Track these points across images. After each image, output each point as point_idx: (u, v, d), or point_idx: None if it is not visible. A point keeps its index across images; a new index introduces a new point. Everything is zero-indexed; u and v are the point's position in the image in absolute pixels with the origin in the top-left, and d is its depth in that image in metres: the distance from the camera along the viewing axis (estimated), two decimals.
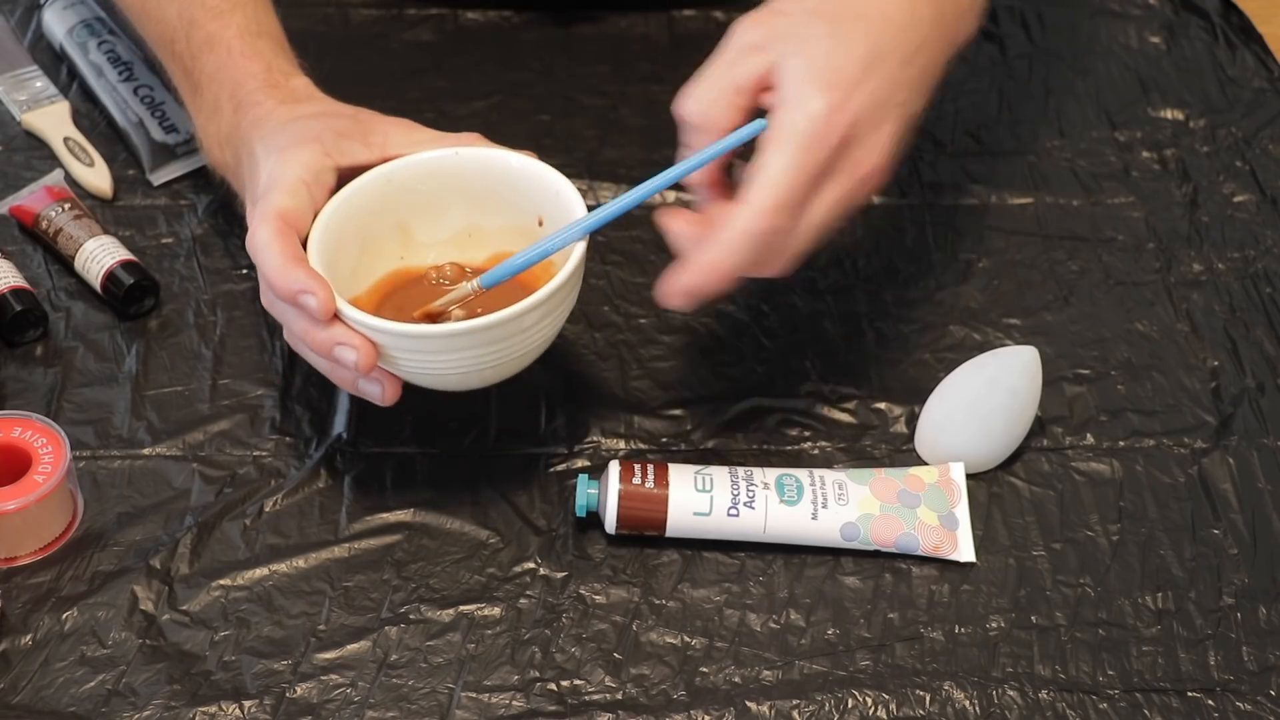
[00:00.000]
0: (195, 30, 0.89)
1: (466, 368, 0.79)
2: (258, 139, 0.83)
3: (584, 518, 0.82)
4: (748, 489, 0.81)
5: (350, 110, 0.85)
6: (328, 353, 0.77)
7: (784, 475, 0.82)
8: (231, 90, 0.86)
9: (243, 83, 0.86)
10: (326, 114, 0.84)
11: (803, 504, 0.81)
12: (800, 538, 0.81)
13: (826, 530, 0.81)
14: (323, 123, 0.83)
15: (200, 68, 0.88)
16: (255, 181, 0.81)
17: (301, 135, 0.81)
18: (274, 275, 0.77)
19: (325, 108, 0.85)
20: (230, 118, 0.86)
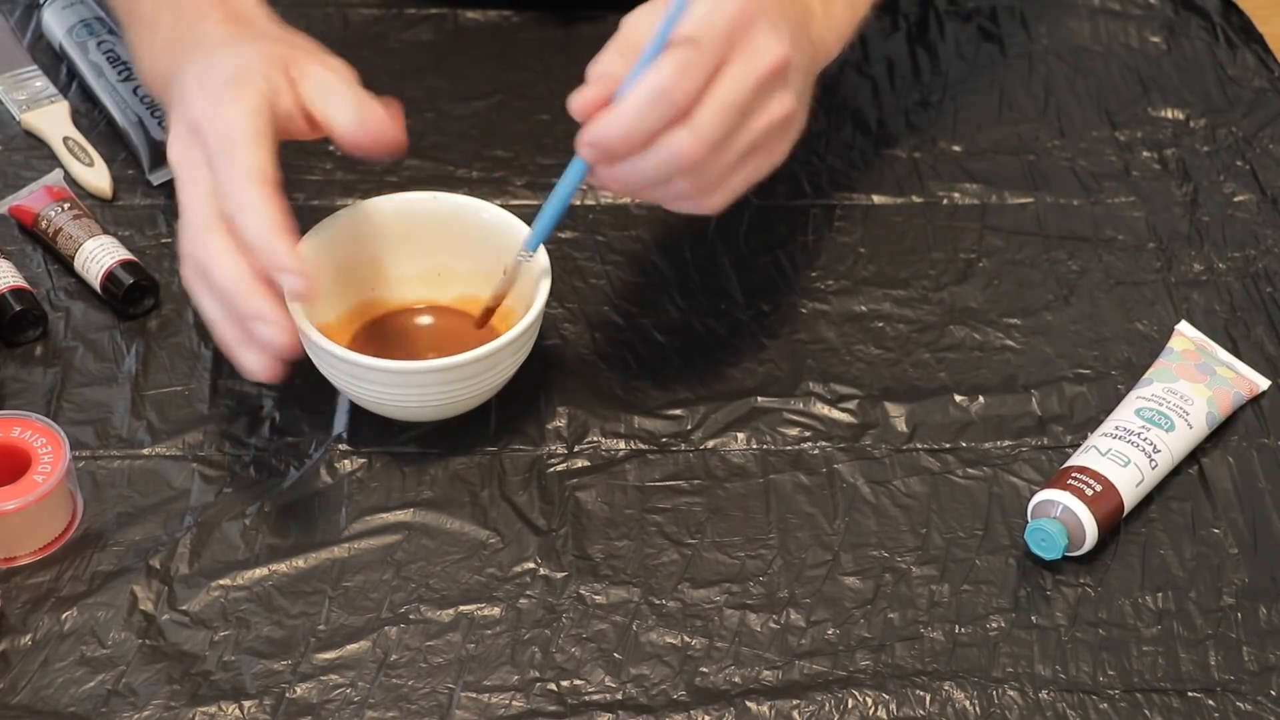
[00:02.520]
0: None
1: (434, 401, 0.84)
2: (192, 60, 0.80)
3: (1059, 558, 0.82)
4: (1141, 438, 0.84)
5: (287, 38, 0.82)
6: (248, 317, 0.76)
7: (1140, 410, 0.86)
8: (173, 2, 0.84)
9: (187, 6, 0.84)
10: (263, 37, 0.81)
11: (1176, 422, 0.85)
12: (1196, 439, 0.86)
13: (1199, 423, 0.86)
14: (257, 51, 0.80)
15: None
16: (187, 104, 0.79)
17: (240, 71, 0.78)
18: (259, 242, 0.75)
19: (264, 30, 0.83)
20: (169, 31, 0.84)
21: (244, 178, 0.76)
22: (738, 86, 0.76)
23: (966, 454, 0.87)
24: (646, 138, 0.76)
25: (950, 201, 1.01)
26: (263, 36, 0.82)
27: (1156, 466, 0.84)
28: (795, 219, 1.00)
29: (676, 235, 0.98)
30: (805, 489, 0.85)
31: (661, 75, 0.75)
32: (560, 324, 0.92)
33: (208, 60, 0.80)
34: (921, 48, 1.12)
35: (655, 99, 0.75)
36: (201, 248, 0.77)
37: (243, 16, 0.83)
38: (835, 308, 0.94)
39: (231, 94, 0.77)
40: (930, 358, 0.92)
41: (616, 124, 0.75)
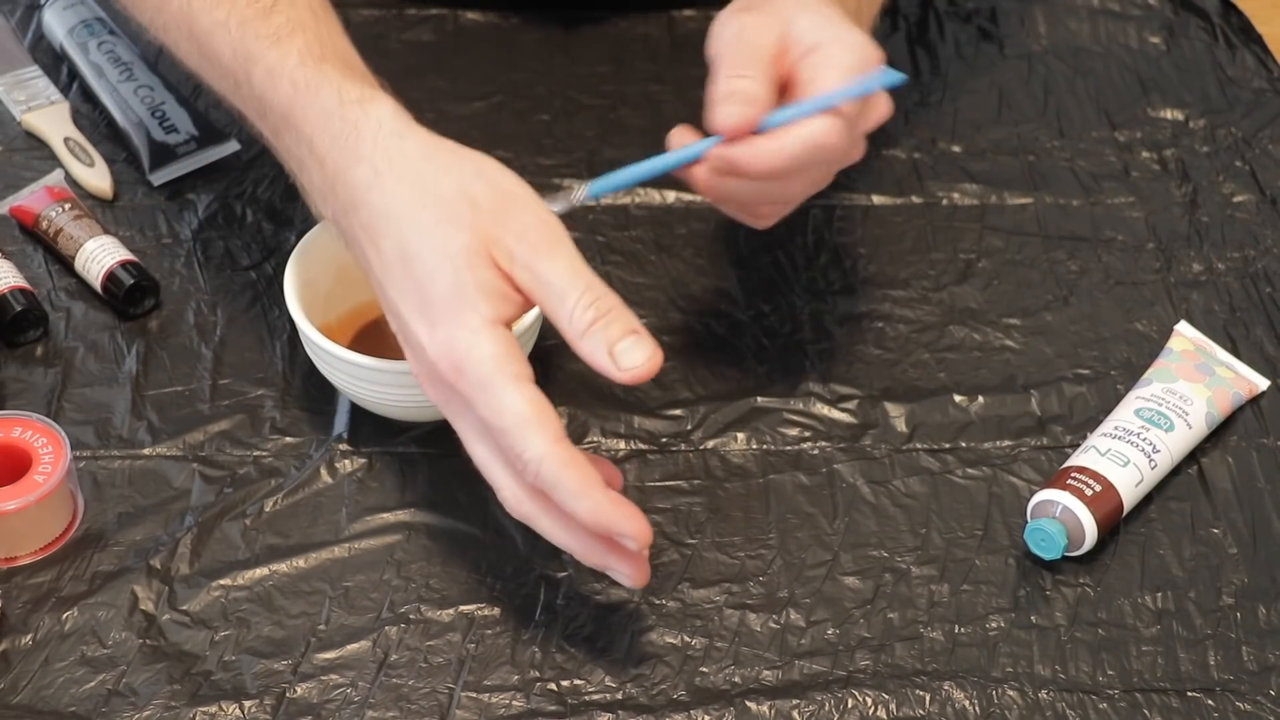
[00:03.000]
0: (254, 66, 0.78)
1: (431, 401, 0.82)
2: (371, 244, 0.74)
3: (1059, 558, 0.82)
4: (1141, 438, 0.84)
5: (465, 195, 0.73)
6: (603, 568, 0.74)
7: (1140, 410, 0.86)
8: (310, 139, 0.76)
9: (319, 126, 0.76)
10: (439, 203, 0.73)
11: (1176, 422, 0.85)
12: (1195, 440, 0.87)
13: (1198, 423, 0.87)
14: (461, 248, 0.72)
15: (272, 109, 0.78)
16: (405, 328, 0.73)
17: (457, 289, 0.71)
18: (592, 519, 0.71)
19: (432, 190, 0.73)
20: (319, 173, 0.76)
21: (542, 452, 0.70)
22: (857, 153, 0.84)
23: (966, 454, 0.87)
24: (783, 176, 0.80)
25: (950, 202, 1.01)
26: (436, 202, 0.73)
27: (1156, 466, 0.84)
28: (795, 219, 1.00)
29: (676, 236, 0.98)
30: (805, 489, 0.85)
31: (824, 132, 0.79)
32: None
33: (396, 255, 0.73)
34: (921, 48, 1.12)
35: (811, 154, 0.79)
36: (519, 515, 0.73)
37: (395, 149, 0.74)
38: (835, 308, 0.95)
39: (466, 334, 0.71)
40: (930, 358, 0.92)
41: (766, 160, 0.79)
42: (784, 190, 0.83)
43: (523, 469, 0.71)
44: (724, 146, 0.79)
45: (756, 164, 0.79)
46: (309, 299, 0.84)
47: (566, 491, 0.70)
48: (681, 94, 1.08)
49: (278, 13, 0.79)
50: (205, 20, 0.81)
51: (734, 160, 0.79)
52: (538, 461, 0.70)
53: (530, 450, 0.70)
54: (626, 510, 0.71)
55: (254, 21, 0.79)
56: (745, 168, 0.79)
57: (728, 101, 0.79)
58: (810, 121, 0.78)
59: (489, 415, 0.71)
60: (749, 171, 0.79)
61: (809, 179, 0.82)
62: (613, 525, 0.71)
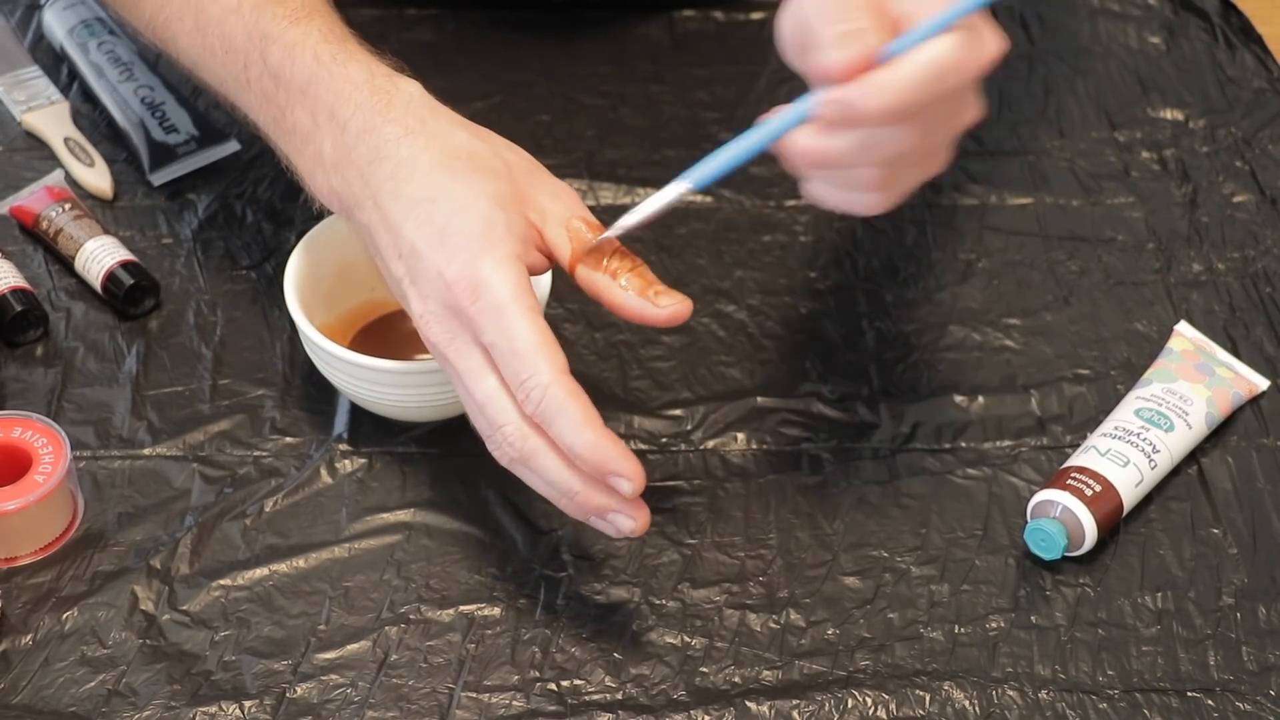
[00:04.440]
0: (271, 45, 0.79)
1: (434, 401, 0.84)
2: (391, 193, 0.75)
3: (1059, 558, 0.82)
4: (1141, 438, 0.84)
5: (499, 156, 0.76)
6: (595, 511, 0.74)
7: (1140, 410, 0.86)
8: (331, 106, 0.77)
9: (344, 94, 0.77)
10: (471, 158, 0.75)
11: (1176, 422, 0.85)
12: (1195, 440, 0.86)
13: (1198, 423, 0.86)
14: (488, 194, 0.74)
15: (287, 83, 0.78)
16: (420, 262, 0.74)
17: (484, 225, 0.73)
18: (587, 451, 0.71)
19: (465, 146, 0.75)
20: (336, 139, 0.77)
21: (550, 379, 0.71)
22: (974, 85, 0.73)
23: (966, 454, 0.87)
24: (899, 116, 0.69)
25: (950, 201, 1.01)
26: (471, 157, 0.75)
27: (1156, 467, 0.84)
28: (795, 219, 1.00)
29: (676, 236, 0.99)
30: (805, 489, 0.85)
31: (951, 54, 0.69)
32: (560, 324, 0.92)
33: (423, 196, 0.74)
34: None
35: (937, 80, 0.69)
36: (519, 453, 0.73)
37: (417, 122, 0.76)
38: (835, 308, 0.95)
39: (490, 261, 0.72)
40: (930, 358, 0.92)
41: (887, 93, 0.68)
42: (903, 140, 0.70)
43: (526, 397, 0.71)
44: (837, 88, 0.69)
45: (876, 99, 0.68)
46: (309, 299, 0.85)
47: (569, 421, 0.71)
48: (681, 94, 1.08)
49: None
50: (215, 8, 0.82)
51: (850, 101, 0.69)
52: (544, 388, 0.70)
53: (540, 375, 0.71)
54: (624, 448, 0.72)
55: (269, 4, 0.80)
56: (863, 106, 0.69)
57: (838, 45, 0.69)
58: (929, 43, 0.69)
59: (501, 339, 0.71)
60: (867, 110, 0.69)
61: (930, 124, 0.71)
62: (611, 462, 0.71)
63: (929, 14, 0.69)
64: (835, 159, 0.71)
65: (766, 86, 1.09)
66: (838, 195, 0.74)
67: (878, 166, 0.72)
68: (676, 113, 1.07)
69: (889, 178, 0.73)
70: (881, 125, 0.70)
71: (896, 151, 0.71)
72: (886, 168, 0.72)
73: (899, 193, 0.74)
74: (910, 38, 0.69)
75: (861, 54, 0.69)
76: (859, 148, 0.71)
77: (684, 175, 0.76)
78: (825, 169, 0.73)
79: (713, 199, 1.00)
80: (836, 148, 0.71)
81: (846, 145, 0.71)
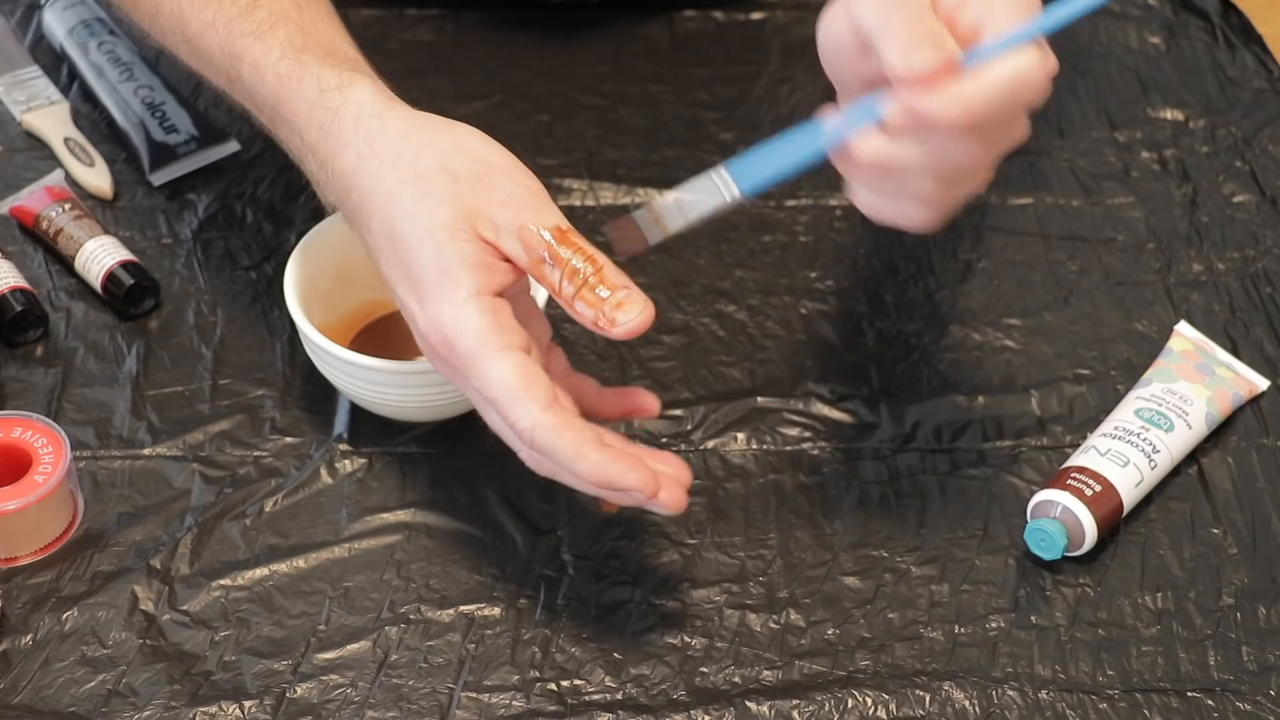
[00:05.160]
0: (241, 64, 0.80)
1: (434, 401, 0.84)
2: (364, 227, 0.75)
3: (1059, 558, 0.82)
4: (1141, 438, 0.84)
5: (445, 169, 0.74)
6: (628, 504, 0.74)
7: (1140, 410, 0.85)
8: (299, 129, 0.77)
9: (303, 116, 0.77)
10: (418, 180, 0.73)
11: (1176, 422, 0.85)
12: (1195, 440, 0.86)
13: (1198, 423, 0.86)
14: (441, 224, 0.72)
15: (261, 104, 0.80)
16: (403, 303, 0.74)
17: (441, 264, 0.72)
18: (591, 478, 0.71)
19: (412, 166, 0.74)
20: (310, 162, 0.78)
21: (532, 421, 0.71)
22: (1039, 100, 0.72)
23: (966, 454, 0.87)
24: (976, 126, 0.68)
25: None
26: (417, 179, 0.73)
27: (1156, 467, 0.84)
28: (795, 219, 1.00)
29: (676, 236, 0.98)
30: (805, 489, 0.85)
31: (1031, 71, 0.68)
32: (560, 324, 0.92)
33: (384, 236, 0.74)
34: None
35: (1014, 94, 0.68)
36: (543, 473, 0.74)
37: (377, 129, 0.75)
38: (835, 308, 0.95)
39: (450, 308, 0.72)
40: (930, 358, 0.92)
41: (966, 103, 0.67)
42: (967, 154, 0.70)
43: (518, 437, 0.72)
44: (912, 95, 0.68)
45: (954, 109, 0.67)
46: (309, 299, 0.85)
47: (564, 457, 0.71)
48: (681, 94, 1.08)
49: (260, 8, 0.80)
50: (195, 23, 0.82)
51: (926, 110, 0.68)
52: (529, 430, 0.71)
53: (521, 420, 0.71)
54: (628, 463, 0.72)
55: (238, 19, 0.80)
56: (939, 116, 0.68)
57: (915, 48, 0.68)
58: (1010, 56, 0.68)
59: (480, 386, 0.72)
60: (943, 120, 0.68)
61: (992, 140, 0.70)
62: (616, 480, 0.71)
63: (1002, 26, 0.69)
64: (898, 167, 0.70)
65: (766, 86, 1.09)
66: (888, 205, 0.73)
67: (936, 179, 0.71)
68: (676, 113, 1.07)
69: (943, 192, 0.72)
70: (952, 137, 0.69)
71: (959, 165, 0.70)
72: (943, 181, 0.71)
73: (946, 208, 0.73)
74: (985, 50, 0.68)
75: (939, 61, 0.67)
76: (923, 158, 0.70)
77: (730, 167, 0.74)
78: (885, 177, 0.71)
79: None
80: (901, 156, 0.70)
81: (911, 154, 0.70)
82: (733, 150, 1.04)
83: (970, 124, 0.68)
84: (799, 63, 1.10)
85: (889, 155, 0.70)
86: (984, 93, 0.68)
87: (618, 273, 0.73)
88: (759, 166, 0.73)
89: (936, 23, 0.69)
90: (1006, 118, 0.70)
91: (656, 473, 0.73)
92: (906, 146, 0.69)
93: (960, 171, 0.71)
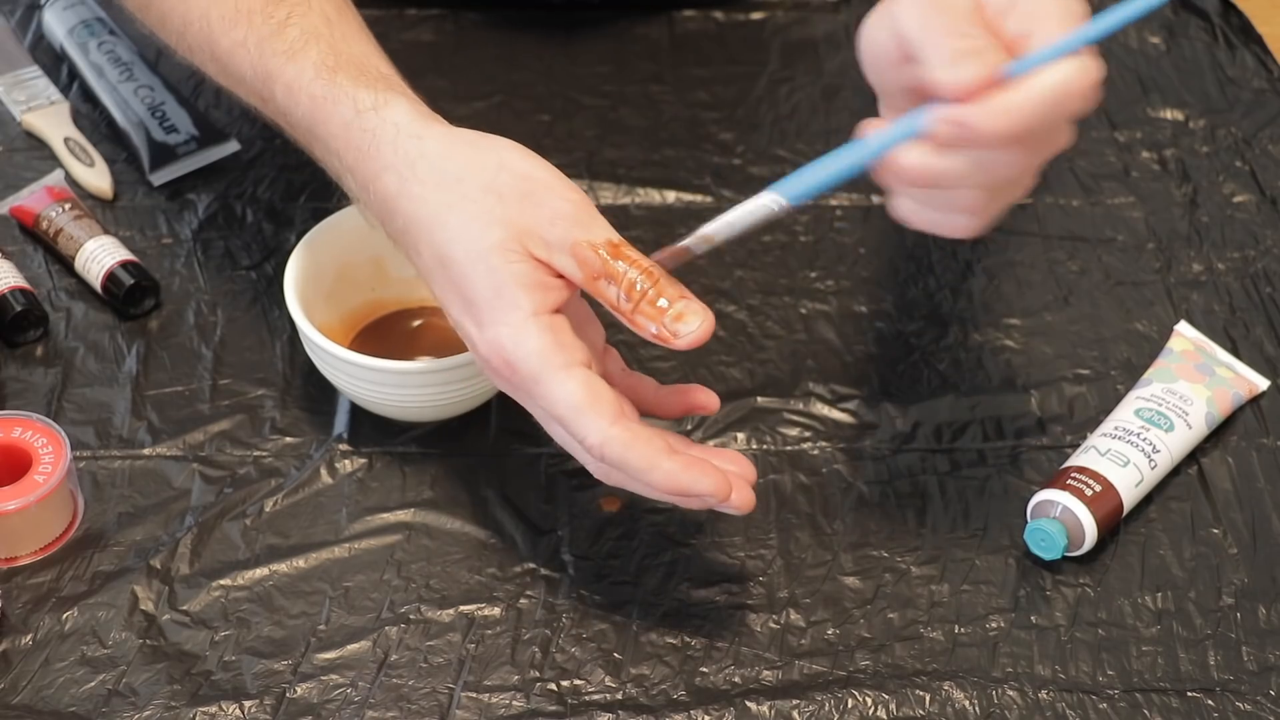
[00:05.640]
0: (274, 84, 0.79)
1: (434, 401, 0.84)
2: (411, 249, 0.75)
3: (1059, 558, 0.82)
4: (1141, 438, 0.84)
5: (491, 189, 0.73)
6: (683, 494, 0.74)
7: (1140, 410, 0.85)
8: (337, 152, 0.77)
9: (340, 138, 0.76)
10: (465, 201, 0.73)
11: (1176, 422, 0.85)
12: (1195, 440, 0.86)
13: (1198, 423, 0.86)
14: (494, 247, 0.72)
15: (296, 125, 0.79)
16: (460, 326, 0.74)
17: (495, 287, 0.72)
18: (666, 487, 0.72)
19: (456, 188, 0.73)
20: (350, 184, 0.77)
21: (601, 438, 0.71)
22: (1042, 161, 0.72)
23: (966, 454, 0.87)
24: (1022, 137, 0.68)
25: None
26: (463, 201, 0.73)
27: (1156, 467, 0.84)
28: (795, 219, 1.00)
29: (676, 236, 0.98)
30: (805, 489, 0.85)
31: (1077, 80, 0.68)
32: None
33: (433, 260, 0.74)
34: None
35: (1059, 104, 0.68)
36: (613, 485, 0.75)
37: (415, 152, 0.74)
38: (835, 308, 0.95)
39: (509, 331, 0.72)
40: (930, 358, 0.92)
41: (1010, 114, 0.67)
42: (1012, 165, 0.69)
43: (588, 453, 0.72)
44: (956, 107, 0.67)
45: (999, 122, 0.67)
46: (309, 299, 0.85)
47: (634, 470, 0.72)
48: (681, 94, 1.08)
49: (291, 25, 0.79)
50: (225, 41, 0.81)
51: (971, 122, 0.67)
52: (599, 447, 0.72)
53: (590, 437, 0.71)
54: (699, 470, 0.72)
55: (270, 39, 0.79)
56: (985, 128, 0.67)
57: (960, 60, 0.67)
58: (1054, 66, 0.67)
59: (545, 407, 0.72)
60: (988, 132, 0.67)
61: (1037, 149, 0.70)
62: (691, 486, 0.72)
63: (1048, 35, 0.68)
64: (942, 179, 0.70)
65: (766, 86, 1.09)
66: (931, 216, 0.72)
67: (981, 189, 0.70)
68: (676, 113, 1.07)
69: (988, 201, 0.71)
70: (996, 148, 0.68)
71: (1004, 176, 0.70)
72: (988, 191, 0.71)
73: (991, 216, 0.72)
74: (1032, 60, 0.68)
75: (984, 74, 0.67)
76: (968, 169, 0.69)
77: (776, 188, 0.73)
78: (930, 189, 0.71)
79: (712, 199, 1.00)
80: (946, 168, 0.69)
81: (956, 166, 0.69)
82: (732, 149, 1.04)
83: (1015, 135, 0.68)
84: (799, 63, 1.10)
85: (934, 168, 0.69)
86: (1029, 103, 0.67)
87: (674, 283, 0.73)
88: (804, 184, 0.73)
89: (980, 33, 0.68)
90: (1052, 127, 0.70)
91: (726, 474, 0.73)
92: (951, 158, 0.69)
93: (1005, 180, 0.71)
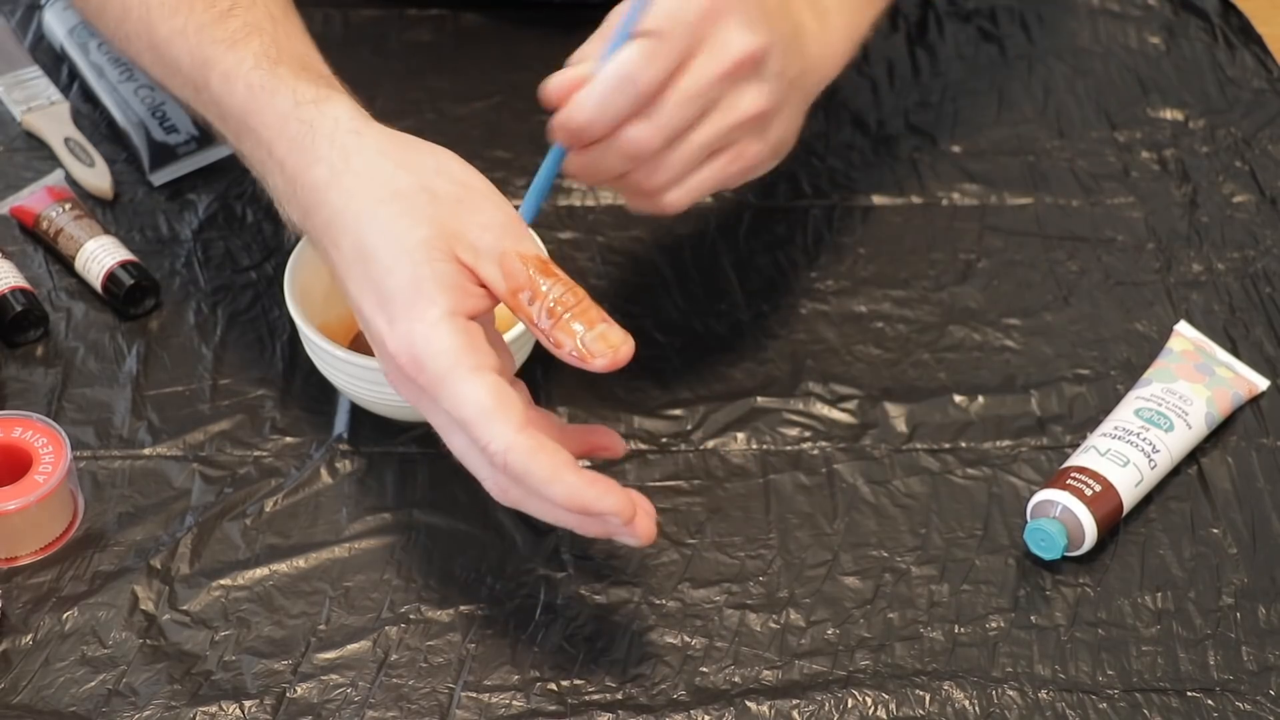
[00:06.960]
0: (211, 72, 0.78)
1: None
2: (332, 244, 0.73)
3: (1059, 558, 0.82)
4: (1141, 438, 0.84)
5: (425, 189, 0.73)
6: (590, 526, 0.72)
7: (1139, 410, 0.86)
8: (269, 142, 0.76)
9: (275, 129, 0.76)
10: (395, 198, 0.72)
11: (1175, 422, 0.85)
12: (1194, 440, 0.86)
13: (1198, 423, 0.86)
14: (418, 242, 0.71)
15: (228, 114, 0.78)
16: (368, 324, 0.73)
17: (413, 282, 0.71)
18: (567, 502, 0.70)
19: (390, 184, 0.73)
20: (278, 178, 0.76)
21: (505, 444, 0.69)
22: (700, 78, 0.75)
23: (966, 454, 0.87)
24: (611, 124, 0.74)
25: (950, 202, 1.01)
26: (395, 197, 0.72)
27: (1155, 466, 0.84)
28: (795, 219, 1.00)
29: (677, 236, 0.98)
30: (805, 489, 0.85)
31: (624, 62, 0.74)
32: None
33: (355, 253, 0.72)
34: (921, 48, 1.12)
35: (619, 85, 0.74)
36: (507, 502, 0.72)
37: (353, 145, 0.74)
38: (835, 308, 0.95)
39: (423, 327, 0.70)
40: (930, 358, 0.92)
41: (581, 108, 0.74)
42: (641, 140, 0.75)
43: (491, 459, 0.70)
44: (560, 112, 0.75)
45: (576, 115, 0.74)
46: (309, 299, 0.85)
47: (537, 480, 0.69)
48: None
49: (234, 16, 0.79)
50: (164, 28, 0.81)
51: (561, 122, 0.75)
52: (504, 453, 0.69)
53: (495, 441, 0.69)
54: (602, 487, 0.70)
55: (210, 26, 0.79)
56: (570, 123, 0.75)
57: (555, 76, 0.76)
58: (616, 54, 0.74)
59: (451, 408, 0.70)
60: (575, 126, 0.75)
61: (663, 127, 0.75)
62: (591, 505, 0.70)
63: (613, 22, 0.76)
64: (599, 175, 0.77)
65: None
66: (633, 202, 0.79)
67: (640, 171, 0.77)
68: None
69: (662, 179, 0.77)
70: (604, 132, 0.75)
71: (641, 150, 0.76)
72: (650, 170, 0.77)
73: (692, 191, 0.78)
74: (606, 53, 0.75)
75: (570, 80, 0.75)
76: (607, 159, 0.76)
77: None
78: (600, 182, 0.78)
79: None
80: (593, 163, 0.76)
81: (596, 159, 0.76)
82: None
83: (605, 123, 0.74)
84: None
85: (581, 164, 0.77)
86: (594, 91, 0.74)
87: (596, 307, 0.72)
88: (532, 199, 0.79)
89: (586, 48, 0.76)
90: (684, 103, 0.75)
91: (631, 497, 0.71)
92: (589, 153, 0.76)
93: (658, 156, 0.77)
